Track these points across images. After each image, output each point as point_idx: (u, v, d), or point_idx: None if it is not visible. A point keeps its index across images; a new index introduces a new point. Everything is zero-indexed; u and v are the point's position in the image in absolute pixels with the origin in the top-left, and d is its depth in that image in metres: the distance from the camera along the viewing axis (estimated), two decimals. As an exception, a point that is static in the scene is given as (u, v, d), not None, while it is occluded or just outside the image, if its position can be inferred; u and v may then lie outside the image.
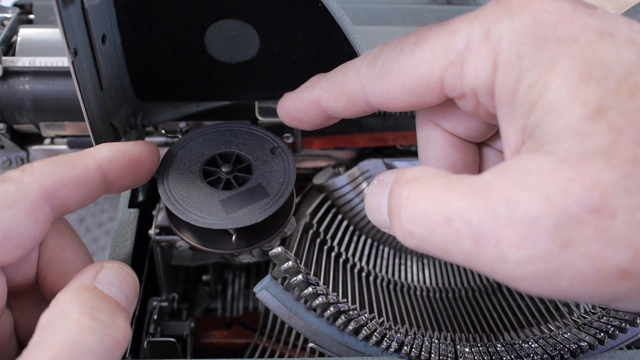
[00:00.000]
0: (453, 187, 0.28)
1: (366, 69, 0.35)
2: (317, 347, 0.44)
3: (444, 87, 0.32)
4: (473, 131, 0.37)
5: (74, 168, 0.37)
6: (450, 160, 0.38)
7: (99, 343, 0.31)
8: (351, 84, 0.36)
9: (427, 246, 0.29)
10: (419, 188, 0.30)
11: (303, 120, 0.40)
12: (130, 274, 0.36)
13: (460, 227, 0.27)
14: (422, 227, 0.29)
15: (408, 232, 0.30)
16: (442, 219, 0.27)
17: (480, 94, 0.30)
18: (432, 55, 0.31)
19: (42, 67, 0.54)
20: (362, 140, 0.58)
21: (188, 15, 0.47)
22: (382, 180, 0.34)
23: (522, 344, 0.45)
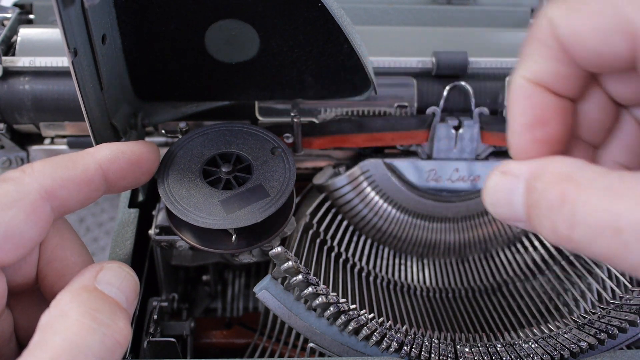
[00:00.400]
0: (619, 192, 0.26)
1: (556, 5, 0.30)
2: (317, 347, 0.44)
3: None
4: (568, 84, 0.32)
5: (74, 168, 0.37)
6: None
7: (99, 343, 0.31)
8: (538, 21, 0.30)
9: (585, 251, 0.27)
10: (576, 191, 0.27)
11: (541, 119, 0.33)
12: (130, 274, 0.36)
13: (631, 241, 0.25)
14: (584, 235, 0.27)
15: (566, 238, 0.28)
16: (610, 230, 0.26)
17: None
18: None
19: (42, 67, 0.54)
20: (362, 140, 0.58)
21: (188, 15, 0.47)
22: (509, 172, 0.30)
23: (522, 344, 0.45)
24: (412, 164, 0.59)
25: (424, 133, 0.58)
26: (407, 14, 0.67)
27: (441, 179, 0.60)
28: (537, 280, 0.56)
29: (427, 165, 0.59)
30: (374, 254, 0.59)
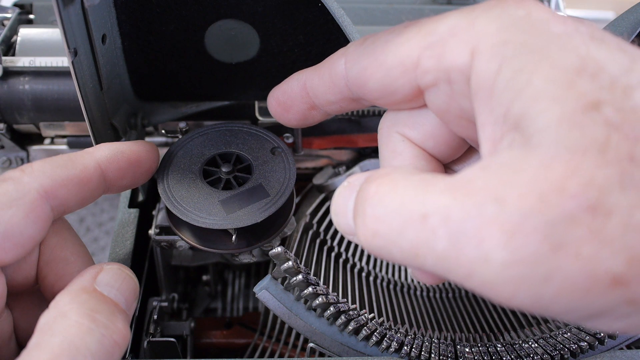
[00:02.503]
0: (430, 183, 0.26)
1: (354, 47, 0.34)
2: (317, 347, 0.44)
3: (418, 69, 0.30)
4: (444, 146, 0.35)
5: (73, 167, 0.37)
6: None
7: (98, 345, 0.31)
8: (336, 60, 0.34)
9: (393, 250, 0.26)
10: (389, 184, 0.27)
11: (287, 105, 0.38)
12: (130, 275, 0.36)
13: (436, 226, 0.24)
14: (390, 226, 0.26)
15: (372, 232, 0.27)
16: (416, 216, 0.25)
17: (456, 80, 0.28)
18: (415, 36, 0.30)
19: (42, 67, 0.54)
20: (362, 140, 0.58)
21: (188, 15, 0.47)
22: (352, 182, 0.31)
23: (522, 344, 0.45)
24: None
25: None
26: (407, 14, 0.67)
27: (441, 179, 0.60)
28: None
29: (427, 165, 0.59)
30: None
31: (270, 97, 0.40)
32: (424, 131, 0.34)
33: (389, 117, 0.36)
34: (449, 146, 0.35)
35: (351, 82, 0.34)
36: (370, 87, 0.33)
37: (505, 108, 0.25)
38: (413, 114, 0.34)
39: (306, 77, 0.37)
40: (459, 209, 0.24)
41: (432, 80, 0.30)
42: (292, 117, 0.39)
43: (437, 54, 0.29)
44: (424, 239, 0.25)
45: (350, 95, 0.35)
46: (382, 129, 0.36)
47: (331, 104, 0.36)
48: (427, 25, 0.30)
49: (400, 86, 0.31)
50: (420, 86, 0.31)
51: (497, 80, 0.26)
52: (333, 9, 0.42)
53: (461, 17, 0.29)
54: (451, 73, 0.28)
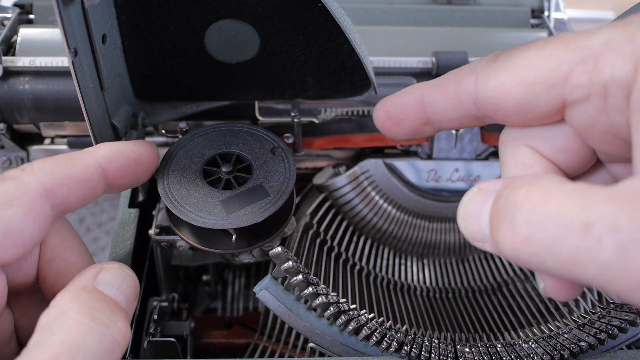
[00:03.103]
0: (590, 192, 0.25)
1: (484, 63, 0.33)
2: (317, 347, 0.44)
3: (567, 85, 0.29)
4: (575, 160, 0.34)
5: (73, 166, 0.37)
6: None
7: (98, 343, 0.31)
8: (464, 78, 0.33)
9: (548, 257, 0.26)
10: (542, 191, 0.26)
11: (400, 119, 0.37)
12: (130, 275, 0.36)
13: (602, 235, 0.23)
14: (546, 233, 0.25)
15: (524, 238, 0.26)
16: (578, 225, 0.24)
17: (613, 93, 0.28)
18: (563, 50, 0.29)
19: (42, 67, 0.54)
20: (362, 140, 0.58)
21: (188, 15, 0.47)
22: (485, 188, 0.30)
23: (522, 344, 0.45)
24: (412, 164, 0.59)
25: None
26: (407, 14, 0.67)
27: (441, 179, 0.60)
28: (537, 280, 0.56)
29: (427, 165, 0.59)
30: (374, 254, 0.59)
31: (379, 110, 0.39)
32: (557, 145, 0.33)
33: (515, 130, 0.35)
34: (580, 160, 0.34)
35: (482, 100, 0.33)
36: (507, 105, 0.32)
37: None
38: (546, 127, 0.33)
39: (424, 92, 0.36)
40: (628, 218, 0.23)
41: (583, 95, 0.29)
42: (401, 131, 0.38)
43: (591, 69, 0.28)
44: (585, 248, 0.24)
45: (475, 113, 0.34)
46: (506, 140, 0.35)
47: (450, 120, 0.36)
48: (576, 39, 0.29)
49: (543, 102, 0.31)
50: (567, 101, 0.30)
51: None
52: (333, 9, 0.42)
53: (616, 31, 0.28)
54: (609, 87, 0.28)
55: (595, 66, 0.28)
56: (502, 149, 0.36)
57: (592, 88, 0.29)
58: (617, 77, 0.28)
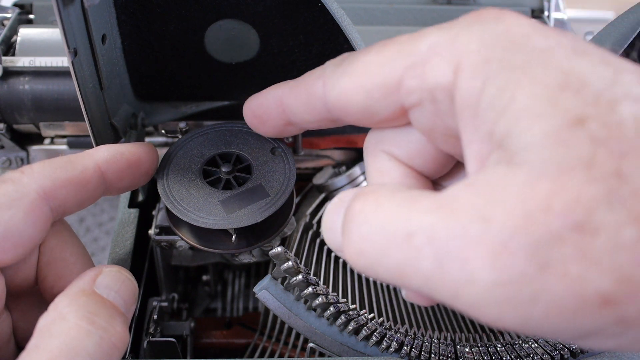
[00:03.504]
0: (415, 201, 0.25)
1: (332, 67, 0.33)
2: (317, 347, 0.44)
3: (401, 89, 0.29)
4: (431, 162, 0.34)
5: (72, 169, 0.37)
6: None
7: (96, 347, 0.31)
8: (314, 81, 0.34)
9: (379, 269, 0.26)
10: (374, 201, 0.27)
11: (263, 119, 0.38)
12: (129, 278, 0.36)
13: (421, 245, 0.24)
14: (376, 245, 0.26)
15: (357, 251, 0.26)
16: (401, 235, 0.24)
17: (440, 98, 0.28)
18: (396, 55, 0.29)
19: (42, 67, 0.54)
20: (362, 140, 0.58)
21: (188, 15, 0.47)
22: (342, 198, 0.30)
23: (522, 344, 0.45)
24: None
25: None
26: (407, 14, 0.67)
27: (441, 179, 0.60)
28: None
29: (427, 165, 0.59)
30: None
31: (245, 108, 0.39)
32: (410, 149, 0.33)
33: (374, 135, 0.35)
34: (437, 162, 0.34)
35: (330, 104, 0.33)
36: (351, 110, 0.32)
37: (490, 126, 0.25)
38: (398, 132, 0.33)
39: (282, 94, 0.36)
40: (444, 227, 0.23)
41: (416, 100, 0.29)
42: (267, 129, 0.39)
43: (419, 74, 0.28)
44: (409, 258, 0.24)
45: (328, 116, 0.34)
46: (367, 147, 0.36)
47: (308, 122, 0.36)
48: (407, 44, 0.29)
49: (383, 107, 0.31)
50: (404, 106, 0.30)
51: (481, 99, 0.25)
52: (333, 9, 0.42)
53: (441, 35, 0.28)
54: (435, 92, 0.28)
55: (423, 71, 0.28)
56: (364, 156, 0.36)
57: (422, 93, 0.29)
58: (440, 82, 0.27)
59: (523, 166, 0.23)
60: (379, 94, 0.30)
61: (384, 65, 0.30)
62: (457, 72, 0.27)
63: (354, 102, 0.31)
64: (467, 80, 0.26)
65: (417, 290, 0.25)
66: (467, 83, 0.26)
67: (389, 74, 0.30)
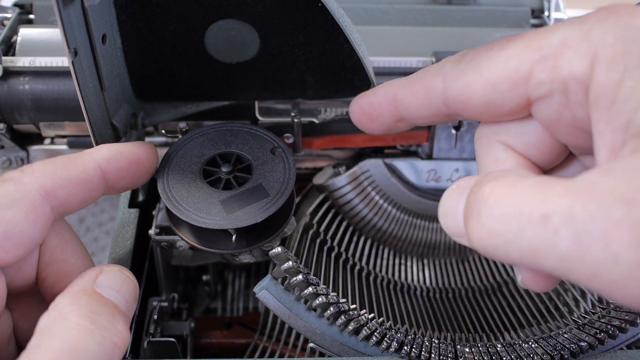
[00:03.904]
0: (549, 185, 0.26)
1: (451, 64, 0.34)
2: (317, 347, 0.44)
3: (530, 83, 0.30)
4: (546, 154, 0.35)
5: (73, 168, 0.37)
6: None
7: (98, 346, 0.31)
8: (432, 78, 0.35)
9: (511, 248, 0.26)
10: (506, 185, 0.27)
11: (374, 116, 0.38)
12: (130, 278, 0.36)
13: (559, 226, 0.24)
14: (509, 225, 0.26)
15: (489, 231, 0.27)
16: (537, 216, 0.25)
17: (573, 89, 0.29)
18: (524, 50, 0.30)
19: (42, 67, 0.54)
20: (362, 140, 0.58)
21: (188, 15, 0.47)
22: (461, 185, 0.31)
23: (522, 344, 0.45)
24: (412, 164, 0.59)
25: (424, 133, 0.58)
26: (407, 14, 0.67)
27: (441, 179, 0.60)
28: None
29: (427, 165, 0.59)
30: (374, 254, 0.59)
31: (354, 106, 0.40)
32: (527, 140, 0.35)
33: (488, 127, 0.36)
34: (551, 154, 0.35)
35: (451, 100, 0.34)
36: (474, 103, 0.33)
37: (627, 116, 0.26)
38: (516, 123, 0.34)
39: (396, 91, 0.37)
40: (583, 210, 0.24)
41: (545, 91, 0.30)
42: (376, 127, 0.39)
43: (551, 67, 0.29)
44: (544, 238, 0.25)
45: (445, 111, 0.35)
46: (480, 137, 0.37)
47: (422, 118, 0.37)
48: (535, 39, 0.30)
49: (508, 100, 0.32)
50: (531, 98, 0.31)
51: (619, 90, 0.26)
52: (333, 9, 0.42)
53: (573, 29, 0.29)
54: (568, 84, 0.29)
55: (554, 64, 0.29)
56: (477, 146, 0.37)
57: (553, 85, 0.30)
58: (575, 74, 0.28)
59: None
60: (506, 86, 0.31)
61: (511, 59, 0.31)
62: (593, 64, 0.28)
63: (477, 95, 0.32)
64: (604, 73, 0.27)
65: (550, 271, 0.26)
66: (604, 75, 0.27)
67: (518, 67, 0.31)
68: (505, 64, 0.31)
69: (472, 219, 0.28)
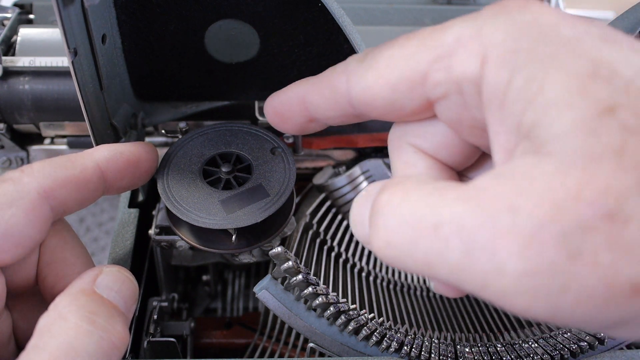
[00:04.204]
0: (443, 192, 0.25)
1: (355, 63, 0.33)
2: (317, 347, 0.44)
3: (427, 82, 0.29)
4: (456, 154, 0.34)
5: (72, 168, 0.37)
6: None
7: (97, 347, 0.31)
8: (337, 77, 0.34)
9: (407, 260, 0.26)
10: (402, 193, 0.27)
11: (285, 117, 0.37)
12: (129, 278, 0.36)
13: (449, 236, 0.24)
14: (403, 236, 0.26)
15: (385, 243, 0.26)
16: (429, 226, 0.24)
17: (467, 91, 0.28)
18: (420, 49, 0.29)
19: (42, 67, 0.54)
20: (362, 140, 0.58)
21: (188, 15, 0.47)
22: (369, 190, 0.30)
23: (522, 344, 0.45)
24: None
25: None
26: (407, 14, 0.67)
27: (441, 179, 0.60)
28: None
29: (427, 165, 0.59)
30: (373, 254, 0.59)
31: (267, 106, 0.39)
32: (436, 141, 0.33)
33: (398, 128, 0.35)
34: (462, 154, 0.34)
35: (355, 100, 0.33)
36: (376, 104, 0.32)
37: (517, 117, 0.25)
38: (423, 124, 0.33)
39: (305, 91, 0.36)
40: (471, 218, 0.23)
41: (442, 92, 0.29)
42: (289, 127, 0.38)
43: (445, 66, 0.28)
44: (436, 249, 0.24)
45: (352, 112, 0.34)
46: (392, 140, 0.36)
47: (331, 118, 0.36)
48: (431, 37, 0.29)
49: (408, 101, 0.31)
50: (430, 99, 0.30)
51: (508, 90, 0.25)
52: (333, 9, 0.42)
53: (466, 26, 0.28)
54: (462, 84, 0.28)
55: (448, 63, 0.28)
56: (389, 149, 0.36)
57: (449, 86, 0.29)
58: (467, 74, 0.27)
59: (552, 156, 0.23)
60: (405, 87, 0.30)
61: (408, 59, 0.30)
62: (483, 63, 0.27)
63: (379, 96, 0.31)
64: (494, 72, 0.26)
65: (446, 281, 0.25)
66: (494, 74, 0.26)
67: (415, 67, 0.30)
68: (404, 62, 0.30)
69: (372, 229, 0.28)
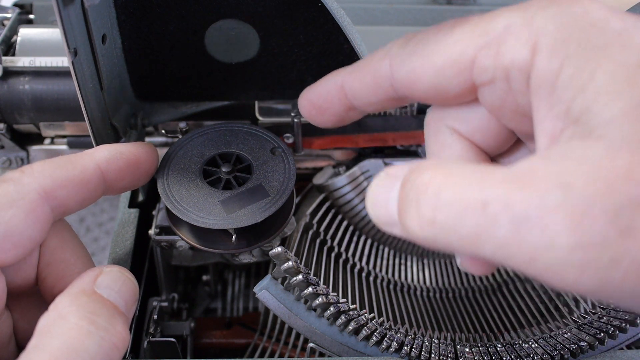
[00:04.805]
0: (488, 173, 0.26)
1: (397, 48, 0.34)
2: (317, 347, 0.44)
3: (474, 68, 0.30)
4: (492, 139, 0.35)
5: (72, 168, 0.37)
6: None
7: (97, 347, 0.31)
8: (378, 63, 0.34)
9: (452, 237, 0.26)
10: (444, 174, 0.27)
11: (324, 108, 0.38)
12: (129, 278, 0.36)
13: (497, 213, 0.24)
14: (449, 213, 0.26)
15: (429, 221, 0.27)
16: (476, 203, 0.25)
17: (514, 77, 0.29)
18: (469, 35, 0.30)
19: (42, 67, 0.54)
20: (362, 140, 0.58)
21: (188, 15, 0.47)
22: (392, 174, 0.30)
23: (522, 344, 0.45)
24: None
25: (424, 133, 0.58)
26: (407, 14, 0.67)
27: (441, 179, 0.60)
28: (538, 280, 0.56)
29: (427, 165, 0.59)
30: (374, 254, 0.59)
31: (302, 99, 0.39)
32: (474, 125, 0.35)
33: (437, 111, 0.36)
34: (498, 139, 0.35)
35: (398, 83, 0.34)
36: (421, 87, 0.33)
37: (566, 104, 0.26)
38: (463, 108, 0.34)
39: (343, 79, 0.36)
40: (520, 196, 0.24)
41: (489, 77, 0.30)
42: (327, 119, 0.39)
43: (494, 53, 0.29)
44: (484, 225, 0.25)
45: (394, 96, 0.35)
46: (429, 122, 0.37)
47: (372, 104, 0.36)
48: (480, 24, 0.30)
49: (454, 85, 0.32)
50: (475, 83, 0.31)
51: (558, 78, 0.27)
52: (333, 9, 0.42)
53: (516, 16, 0.29)
54: (510, 70, 0.29)
55: (497, 50, 0.29)
56: (425, 131, 0.37)
57: (496, 72, 0.30)
58: (516, 61, 0.29)
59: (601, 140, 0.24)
60: (451, 71, 0.31)
61: (456, 44, 0.31)
62: (534, 52, 0.28)
63: (423, 79, 0.32)
64: (544, 60, 0.27)
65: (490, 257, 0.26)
66: (544, 63, 0.27)
67: (462, 52, 0.31)
68: (451, 47, 0.31)
69: (410, 208, 0.28)
